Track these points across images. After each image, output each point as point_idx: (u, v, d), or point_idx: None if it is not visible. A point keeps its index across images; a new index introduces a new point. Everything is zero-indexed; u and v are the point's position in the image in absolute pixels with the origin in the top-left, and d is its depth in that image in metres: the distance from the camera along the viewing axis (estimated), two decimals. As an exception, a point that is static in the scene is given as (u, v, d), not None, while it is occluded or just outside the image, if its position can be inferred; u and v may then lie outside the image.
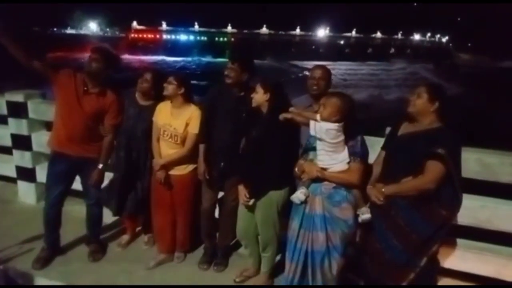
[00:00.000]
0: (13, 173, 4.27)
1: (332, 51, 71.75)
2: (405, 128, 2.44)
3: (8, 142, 4.17)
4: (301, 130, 2.68)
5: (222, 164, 2.97)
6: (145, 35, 73.50)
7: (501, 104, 27.85)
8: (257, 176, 2.62)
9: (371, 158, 2.69)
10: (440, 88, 2.39)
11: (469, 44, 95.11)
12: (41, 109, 3.93)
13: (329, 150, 2.33)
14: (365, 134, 2.69)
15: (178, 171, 3.06)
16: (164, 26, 75.81)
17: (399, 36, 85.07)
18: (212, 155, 2.99)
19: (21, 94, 3.93)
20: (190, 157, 3.04)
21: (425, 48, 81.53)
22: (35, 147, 4.06)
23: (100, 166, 3.00)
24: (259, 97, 2.60)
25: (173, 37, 75.11)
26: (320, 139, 2.33)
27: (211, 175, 3.00)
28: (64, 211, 3.15)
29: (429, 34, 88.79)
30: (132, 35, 73.41)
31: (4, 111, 4.06)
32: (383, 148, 2.56)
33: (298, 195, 2.41)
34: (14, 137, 4.08)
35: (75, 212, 3.54)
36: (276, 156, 2.56)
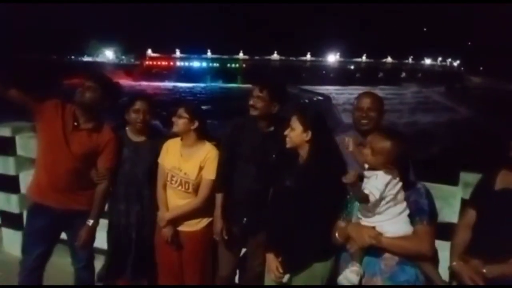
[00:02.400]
0: (-2, 218, 3.69)
1: (343, 76, 72.04)
2: (505, 180, 1.76)
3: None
4: None
5: (245, 219, 2.33)
6: (159, 62, 75.10)
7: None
8: (295, 242, 1.95)
9: (443, 214, 2.03)
10: None
11: (481, 68, 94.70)
12: (31, 145, 3.39)
13: (388, 206, 1.72)
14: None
15: (189, 227, 2.44)
16: (177, 53, 77.45)
17: (410, 60, 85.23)
18: (232, 207, 2.36)
19: (8, 128, 3.45)
20: (204, 210, 2.42)
21: (436, 72, 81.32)
22: (23, 189, 3.50)
23: (90, 222, 2.38)
24: (297, 136, 1.96)
25: (186, 64, 76.55)
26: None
27: (231, 234, 2.35)
28: (52, 264, 2.53)
29: (440, 58, 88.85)
30: (147, 62, 75.06)
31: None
32: (471, 205, 1.87)
33: (349, 276, 1.73)
34: (0, 177, 3.52)
35: (66, 265, 2.88)
36: (320, 216, 1.90)
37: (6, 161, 3.47)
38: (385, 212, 1.72)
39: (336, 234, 1.85)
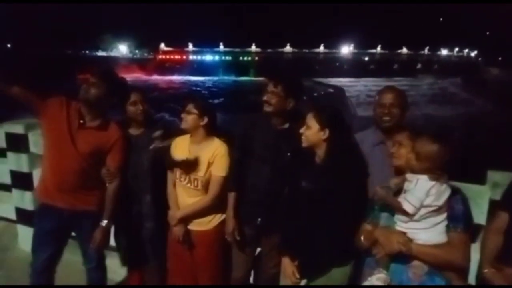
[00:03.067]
0: (13, 214, 3.70)
1: (357, 67, 70.94)
2: None
3: (7, 179, 3.62)
4: None
5: (259, 219, 2.24)
6: (172, 56, 75.35)
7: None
8: (312, 246, 1.85)
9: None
10: None
11: (499, 58, 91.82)
12: (44, 142, 3.35)
13: (429, 215, 1.59)
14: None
15: (200, 226, 2.37)
16: (190, 47, 77.52)
17: (426, 51, 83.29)
18: (246, 207, 2.28)
19: (21, 125, 3.42)
20: (215, 208, 2.34)
21: (453, 63, 79.32)
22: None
23: (104, 222, 2.32)
24: (313, 134, 1.87)
25: (199, 57, 76.62)
26: None
27: (244, 235, 2.27)
28: (65, 262, 2.49)
29: (456, 49, 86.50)
30: (160, 56, 75.39)
31: (3, 144, 3.53)
32: (503, 208, 1.74)
33: (375, 283, 1.63)
34: (14, 174, 3.54)
35: (78, 263, 2.85)
36: (339, 219, 1.80)
37: (19, 158, 3.45)
38: (423, 220, 1.60)
39: (362, 238, 1.74)
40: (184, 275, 2.43)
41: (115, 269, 2.83)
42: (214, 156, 2.29)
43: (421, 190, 1.56)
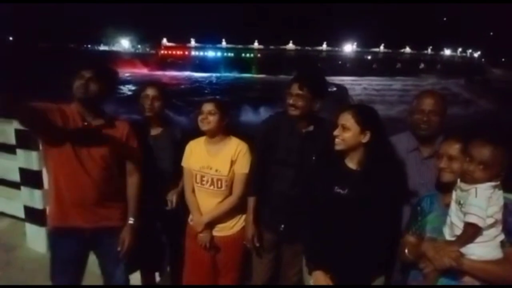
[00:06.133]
0: (22, 213, 3.61)
1: (359, 66, 70.87)
2: None
3: (16, 176, 3.53)
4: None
5: (282, 226, 2.15)
6: (174, 52, 75.12)
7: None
8: (347, 257, 1.74)
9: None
10: None
11: (503, 59, 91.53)
12: (54, 139, 3.25)
13: (488, 228, 1.45)
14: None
15: (223, 231, 2.28)
16: (192, 42, 77.30)
17: (429, 51, 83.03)
18: (268, 213, 2.19)
19: (31, 122, 3.28)
20: (239, 210, 2.27)
21: (456, 63, 79.11)
22: (46, 184, 3.37)
23: (132, 220, 2.14)
24: (352, 137, 1.71)
25: (201, 53, 76.40)
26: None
27: (266, 241, 2.19)
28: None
29: (460, 49, 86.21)
30: (162, 51, 75.15)
31: (13, 141, 3.44)
32: None
33: None
34: (23, 171, 3.44)
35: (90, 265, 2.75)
36: (378, 228, 1.70)
37: (29, 155, 3.35)
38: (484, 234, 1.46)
39: (406, 251, 1.62)
40: (203, 281, 2.34)
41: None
42: (237, 153, 2.21)
43: (483, 199, 1.43)
